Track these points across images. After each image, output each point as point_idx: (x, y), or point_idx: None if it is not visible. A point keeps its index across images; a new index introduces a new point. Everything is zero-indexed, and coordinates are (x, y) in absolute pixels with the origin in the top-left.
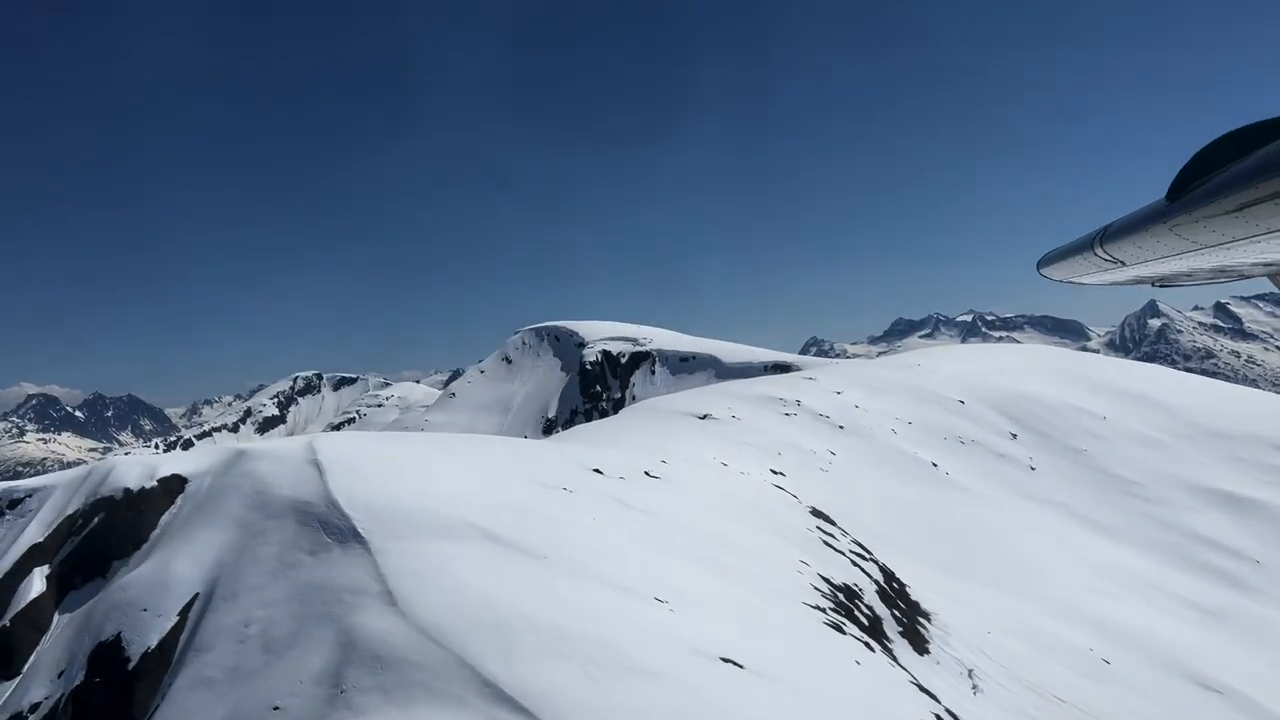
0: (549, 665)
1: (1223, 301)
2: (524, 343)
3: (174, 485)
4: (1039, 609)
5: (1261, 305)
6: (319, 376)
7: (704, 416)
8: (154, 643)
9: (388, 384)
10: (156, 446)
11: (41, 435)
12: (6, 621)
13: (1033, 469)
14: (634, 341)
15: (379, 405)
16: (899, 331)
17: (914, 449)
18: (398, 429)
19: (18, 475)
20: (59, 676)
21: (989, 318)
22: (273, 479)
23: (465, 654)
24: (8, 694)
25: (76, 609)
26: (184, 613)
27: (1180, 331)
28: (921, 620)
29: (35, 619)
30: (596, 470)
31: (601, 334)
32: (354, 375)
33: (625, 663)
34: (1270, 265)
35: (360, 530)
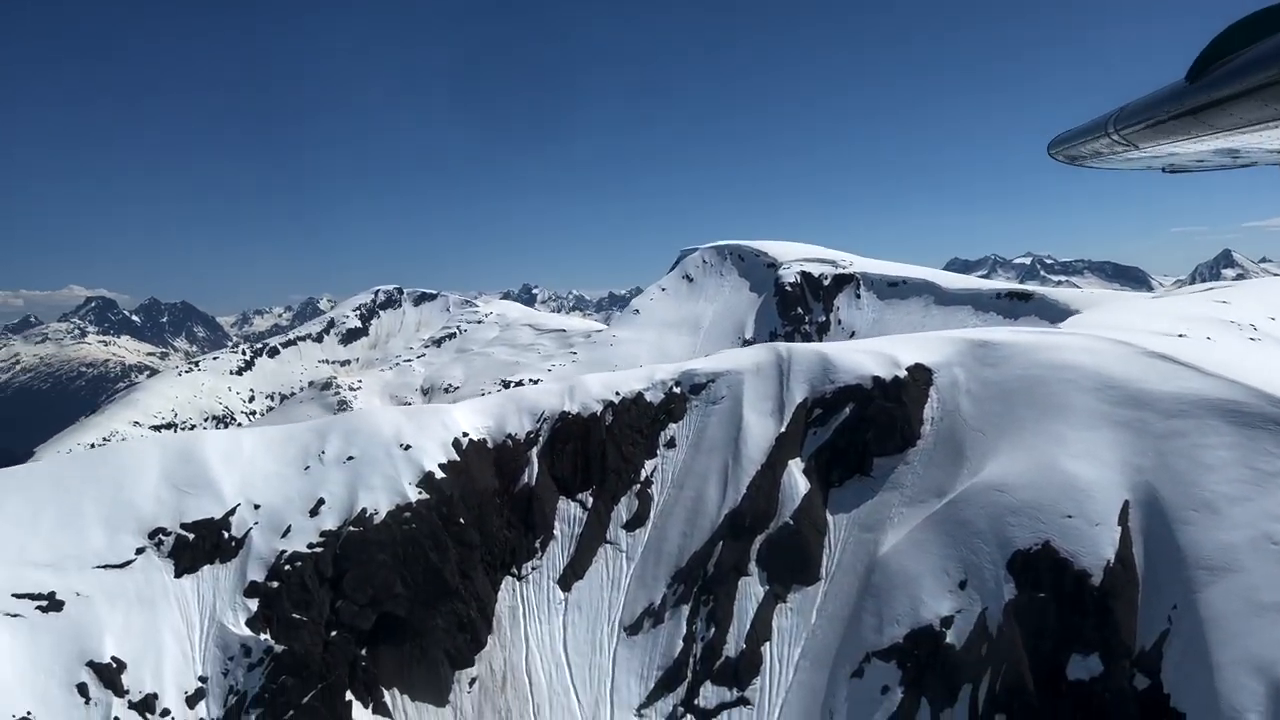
0: None
1: None
2: (704, 261)
3: (921, 376)
4: None
5: None
6: (399, 291)
7: (1180, 335)
8: (1110, 555)
9: (469, 301)
10: (244, 352)
11: (102, 337)
12: (789, 519)
13: None
14: (833, 264)
15: (478, 321)
16: (955, 271)
17: None
18: (501, 345)
19: (80, 375)
20: (960, 587)
21: (1048, 261)
22: (1118, 373)
23: None
24: (818, 600)
25: (851, 509)
26: (1121, 521)
27: None
28: None
29: (813, 518)
30: None
31: (794, 255)
32: (433, 291)
33: None
34: None
35: None
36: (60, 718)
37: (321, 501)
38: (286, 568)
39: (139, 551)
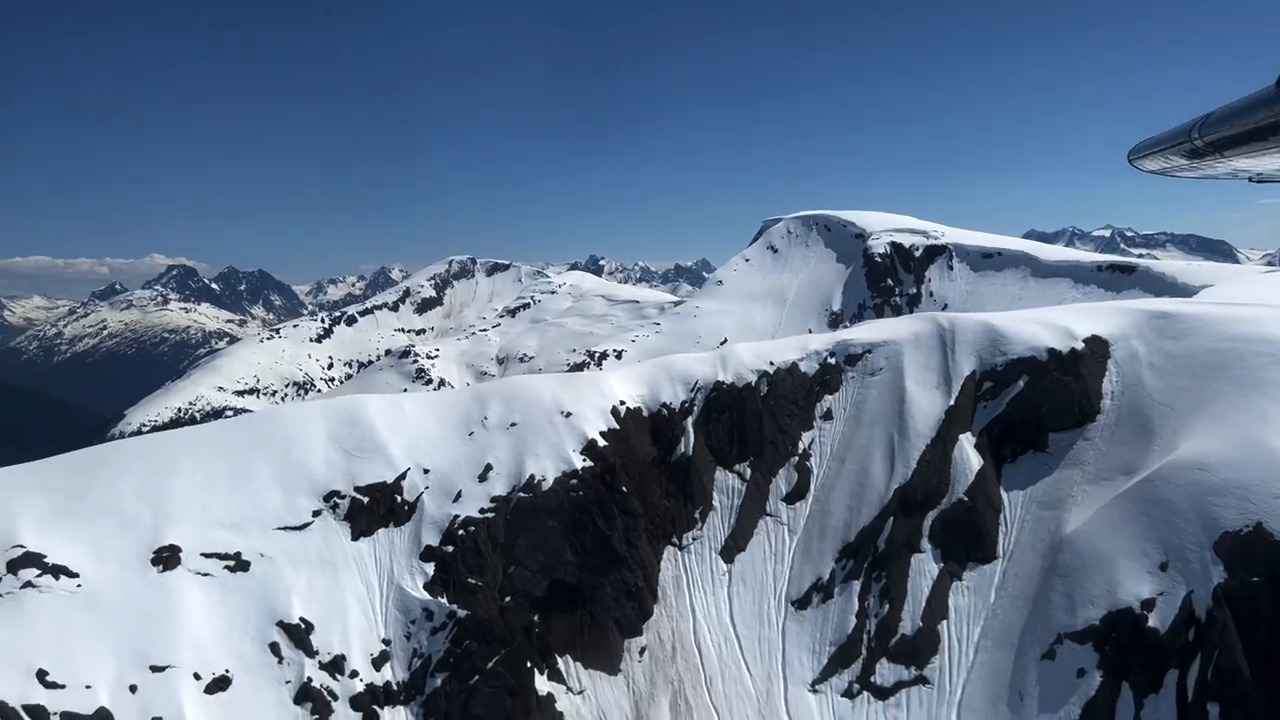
0: None
1: None
2: (789, 231)
3: (1098, 348)
4: None
5: None
6: (472, 261)
7: None
8: None
9: (540, 272)
10: (323, 320)
11: (183, 305)
12: (963, 495)
13: None
14: (925, 234)
15: (552, 292)
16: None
17: None
18: (575, 316)
19: (163, 340)
20: (1160, 569)
21: (1128, 233)
22: None
23: None
24: (996, 579)
25: (1027, 486)
26: None
27: None
28: None
29: (988, 495)
30: None
31: (884, 225)
32: (505, 262)
33: None
34: None
35: None
36: (257, 676)
37: (489, 467)
38: (460, 532)
39: (315, 514)
